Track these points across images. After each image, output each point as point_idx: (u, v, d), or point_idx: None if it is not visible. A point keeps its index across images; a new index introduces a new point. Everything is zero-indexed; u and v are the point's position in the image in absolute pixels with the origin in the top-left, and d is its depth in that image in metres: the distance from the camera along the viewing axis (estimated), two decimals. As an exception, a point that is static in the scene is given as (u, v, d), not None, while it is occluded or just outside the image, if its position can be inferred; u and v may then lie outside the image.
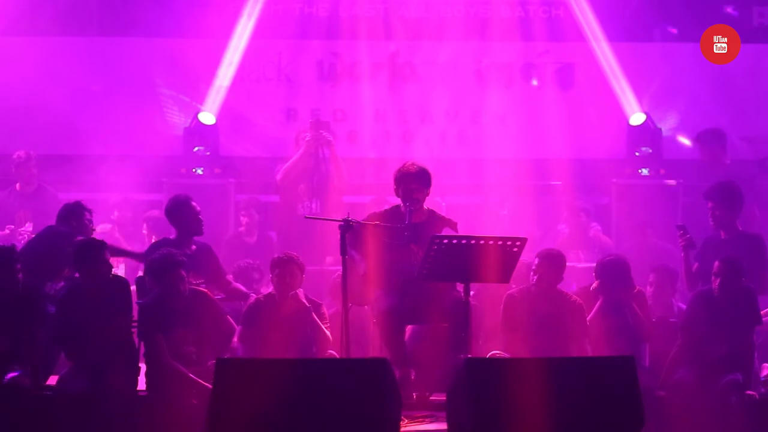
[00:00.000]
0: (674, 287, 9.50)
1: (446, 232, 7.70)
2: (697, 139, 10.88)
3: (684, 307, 9.45)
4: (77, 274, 8.52)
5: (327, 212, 10.12)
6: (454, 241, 7.42)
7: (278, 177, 10.79)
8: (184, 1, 12.25)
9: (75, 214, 9.08)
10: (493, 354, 8.28)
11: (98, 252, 8.24)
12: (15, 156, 10.91)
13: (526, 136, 12.26)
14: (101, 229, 10.18)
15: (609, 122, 11.88)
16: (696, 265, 9.09)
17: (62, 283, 8.82)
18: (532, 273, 8.49)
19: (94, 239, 8.47)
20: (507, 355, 8.20)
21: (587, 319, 8.45)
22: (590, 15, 12.09)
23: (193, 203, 9.04)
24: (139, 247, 10.03)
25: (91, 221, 9.17)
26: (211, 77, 12.08)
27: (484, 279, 7.98)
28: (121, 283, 8.41)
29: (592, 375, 6.49)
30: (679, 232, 9.10)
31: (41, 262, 8.76)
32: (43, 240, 9.10)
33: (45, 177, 11.08)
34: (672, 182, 11.42)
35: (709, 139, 10.78)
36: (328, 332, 8.34)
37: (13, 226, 10.59)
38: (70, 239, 8.89)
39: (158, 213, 10.20)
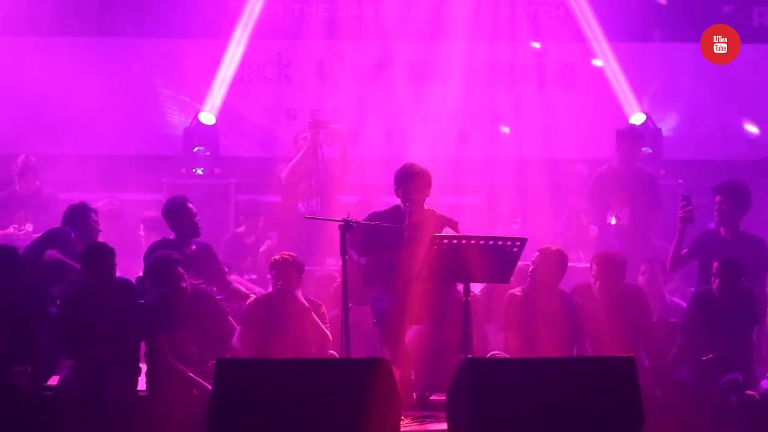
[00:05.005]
0: (666, 279, 9.53)
1: (446, 232, 7.71)
2: (616, 137, 10.76)
3: (677, 301, 9.50)
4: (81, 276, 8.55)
5: (327, 212, 10.12)
6: (454, 241, 7.43)
7: (283, 175, 10.78)
8: (184, 1, 12.25)
9: (80, 215, 9.07)
10: (493, 354, 8.29)
11: (106, 258, 8.22)
12: (15, 163, 10.91)
13: (526, 136, 12.27)
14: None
15: (609, 122, 11.89)
16: (685, 250, 9.08)
17: (61, 286, 8.81)
18: (530, 267, 8.48)
19: (104, 244, 8.39)
20: (507, 355, 8.20)
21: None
22: (590, 15, 12.10)
23: (190, 205, 9.03)
24: (136, 251, 10.02)
25: (97, 222, 9.16)
26: (211, 77, 12.09)
27: (484, 279, 7.99)
28: (125, 284, 8.41)
29: (592, 375, 6.49)
30: (683, 202, 8.97)
31: (44, 265, 8.75)
32: (44, 243, 9.07)
33: (45, 177, 11.07)
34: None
35: (626, 137, 10.64)
36: (328, 332, 8.34)
37: (16, 226, 10.60)
38: (71, 241, 8.91)
39: (154, 213, 10.20)
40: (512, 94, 12.40)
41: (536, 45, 12.42)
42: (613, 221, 10.47)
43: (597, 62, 12.22)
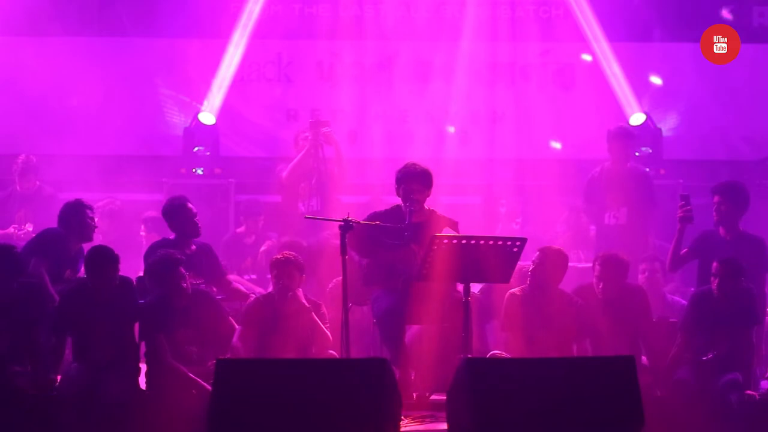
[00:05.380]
0: (665, 278, 9.54)
1: (446, 231, 7.71)
2: (606, 136, 10.71)
3: (677, 299, 9.50)
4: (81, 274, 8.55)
5: (327, 212, 10.12)
6: (454, 241, 7.43)
7: (284, 175, 10.77)
8: (184, 1, 12.25)
9: (75, 213, 9.06)
10: (493, 354, 8.29)
11: (110, 265, 8.22)
12: (15, 163, 10.91)
13: (525, 136, 12.27)
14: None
15: (609, 122, 11.89)
16: (685, 250, 9.09)
17: (60, 285, 8.82)
18: (531, 266, 8.47)
19: (109, 250, 8.35)
20: (507, 355, 8.20)
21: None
22: (590, 15, 12.10)
23: (190, 205, 9.04)
24: (136, 251, 10.02)
25: (93, 219, 9.15)
26: (211, 77, 12.09)
27: (484, 279, 8.00)
28: (126, 283, 8.41)
29: (592, 375, 6.49)
30: (681, 202, 8.97)
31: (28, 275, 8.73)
32: (39, 245, 9.06)
33: (45, 177, 11.08)
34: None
35: (616, 137, 10.59)
36: (327, 332, 8.34)
37: (16, 226, 10.59)
38: (66, 243, 8.91)
39: (155, 213, 10.20)
40: (512, 94, 12.40)
41: (588, 57, 12.36)
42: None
43: (586, 57, 12.22)
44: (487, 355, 8.21)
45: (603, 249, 9.28)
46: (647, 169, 10.89)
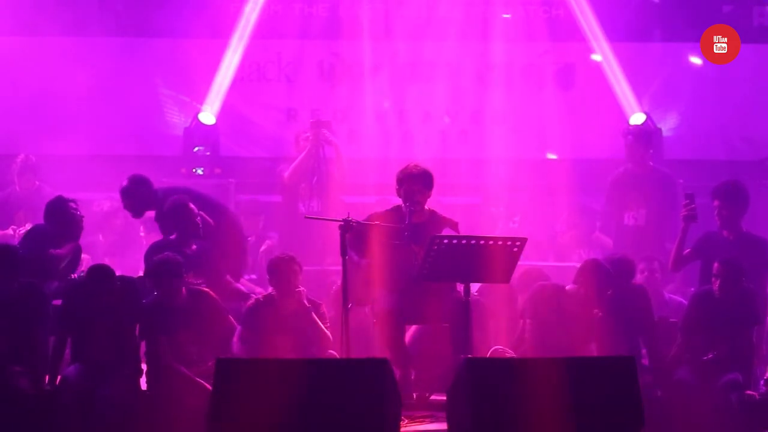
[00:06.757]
0: (665, 278, 9.53)
1: (447, 232, 7.71)
2: (622, 136, 10.69)
3: (677, 298, 9.49)
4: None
5: (327, 212, 10.12)
6: (454, 241, 7.43)
7: (285, 175, 10.78)
8: (183, 1, 12.25)
9: (60, 209, 9.05)
10: (495, 350, 8.27)
11: (105, 284, 8.22)
12: (14, 163, 10.90)
13: (526, 136, 12.26)
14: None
15: (609, 122, 11.90)
16: (687, 251, 9.09)
17: (56, 283, 8.82)
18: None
19: (105, 269, 8.35)
20: (509, 352, 8.19)
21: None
22: (590, 15, 12.10)
23: (191, 205, 9.05)
24: (136, 251, 10.01)
25: (77, 209, 9.13)
26: (211, 77, 12.09)
27: (485, 279, 7.99)
28: (128, 283, 8.40)
29: (592, 375, 6.49)
30: (686, 200, 8.96)
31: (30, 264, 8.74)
32: (29, 241, 9.07)
33: (45, 177, 11.07)
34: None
35: (634, 139, 10.58)
36: (327, 332, 8.34)
37: (15, 227, 10.58)
38: (55, 238, 8.91)
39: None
40: (512, 94, 12.39)
41: (597, 57, 12.28)
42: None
43: (596, 57, 12.20)
44: (489, 352, 8.20)
45: (620, 249, 9.25)
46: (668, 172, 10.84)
